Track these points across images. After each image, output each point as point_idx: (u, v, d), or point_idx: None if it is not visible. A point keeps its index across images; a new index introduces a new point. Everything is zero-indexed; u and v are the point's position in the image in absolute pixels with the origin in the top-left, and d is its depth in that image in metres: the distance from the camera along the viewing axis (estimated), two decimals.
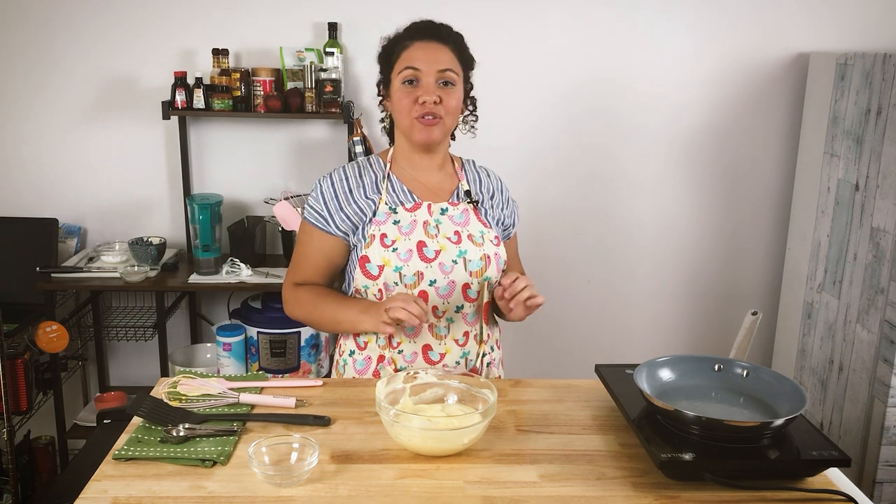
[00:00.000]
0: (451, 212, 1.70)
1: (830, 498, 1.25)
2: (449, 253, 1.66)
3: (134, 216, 3.04)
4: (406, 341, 1.68)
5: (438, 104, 1.62)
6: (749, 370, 1.48)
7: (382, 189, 1.69)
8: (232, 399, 1.53)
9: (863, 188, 2.54)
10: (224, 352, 2.81)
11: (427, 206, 1.69)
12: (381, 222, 1.66)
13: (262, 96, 2.77)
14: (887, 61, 2.40)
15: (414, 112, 1.62)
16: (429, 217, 1.68)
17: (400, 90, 1.64)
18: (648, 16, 2.95)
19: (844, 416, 2.64)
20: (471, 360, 1.71)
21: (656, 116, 3.04)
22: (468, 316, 1.70)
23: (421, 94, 1.61)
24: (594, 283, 3.19)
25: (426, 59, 1.62)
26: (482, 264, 1.67)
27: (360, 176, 1.71)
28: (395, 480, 1.27)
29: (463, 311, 1.69)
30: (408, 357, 1.68)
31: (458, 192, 1.74)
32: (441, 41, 1.65)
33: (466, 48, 1.70)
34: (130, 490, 1.23)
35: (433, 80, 1.62)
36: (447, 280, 1.65)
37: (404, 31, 1.68)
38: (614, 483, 1.28)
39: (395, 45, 1.67)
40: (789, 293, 3.07)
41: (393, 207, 1.68)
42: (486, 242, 1.69)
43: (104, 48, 2.89)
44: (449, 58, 1.64)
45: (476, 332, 1.71)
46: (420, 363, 1.68)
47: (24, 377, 2.63)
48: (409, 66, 1.62)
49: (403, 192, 1.70)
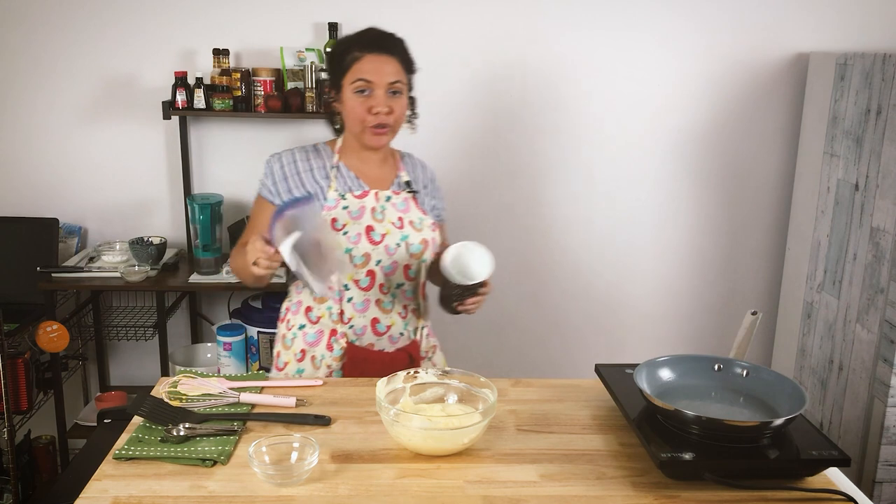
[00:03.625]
0: (394, 199, 1.86)
1: (830, 498, 1.25)
2: (393, 237, 1.82)
3: (134, 216, 3.04)
4: (356, 315, 1.82)
5: (389, 114, 1.78)
6: (749, 370, 1.49)
7: (332, 176, 1.85)
8: (232, 399, 1.53)
9: (863, 188, 2.54)
10: (224, 351, 2.81)
11: (374, 194, 1.84)
12: (331, 207, 1.80)
13: (263, 96, 2.78)
14: (887, 61, 2.40)
15: (368, 121, 1.78)
16: (375, 203, 1.84)
17: (353, 98, 1.78)
18: (648, 16, 2.95)
19: (844, 415, 2.64)
20: (410, 331, 1.89)
21: (656, 116, 3.04)
22: (407, 292, 1.88)
23: (374, 105, 1.77)
24: (594, 283, 3.19)
25: (377, 72, 1.77)
26: (421, 248, 1.84)
27: (309, 160, 1.87)
28: (395, 480, 1.27)
29: (403, 289, 1.86)
30: (358, 330, 1.82)
31: (399, 181, 1.91)
32: (389, 53, 1.79)
33: (410, 55, 1.85)
34: (131, 490, 1.23)
35: (384, 91, 1.77)
36: (391, 260, 1.82)
37: (356, 41, 1.81)
38: (614, 483, 1.28)
39: (346, 54, 1.79)
40: (789, 293, 3.07)
41: (342, 194, 1.82)
42: (425, 228, 1.86)
43: (105, 48, 2.89)
44: (396, 69, 1.79)
45: (415, 306, 1.89)
46: (369, 335, 1.83)
47: (24, 377, 2.63)
48: (361, 77, 1.76)
49: (352, 180, 1.86)
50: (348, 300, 1.81)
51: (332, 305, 1.83)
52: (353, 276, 1.80)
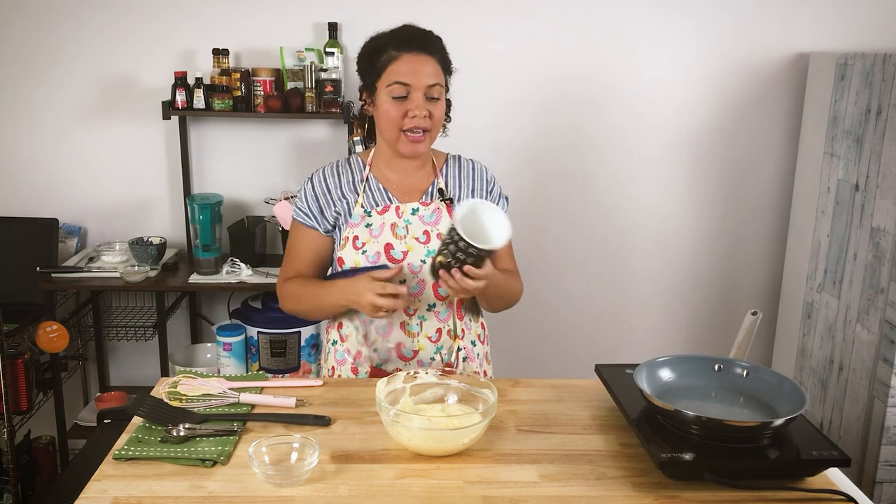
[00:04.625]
0: (421, 211, 1.72)
1: (830, 498, 1.25)
2: (417, 253, 1.69)
3: (134, 216, 3.04)
4: (379, 339, 1.72)
5: (428, 118, 1.64)
6: (749, 370, 1.48)
7: (360, 190, 1.73)
8: (232, 399, 1.53)
9: (863, 188, 2.54)
10: (224, 352, 2.81)
11: (395, 209, 1.71)
12: (354, 224, 1.71)
13: (263, 96, 2.77)
14: (887, 61, 2.40)
15: (404, 125, 1.64)
16: (397, 219, 1.71)
17: (388, 102, 1.64)
18: (648, 15, 2.95)
19: (844, 416, 2.64)
20: (445, 355, 1.74)
21: (656, 116, 3.04)
22: (440, 313, 1.73)
23: (411, 109, 1.63)
24: (594, 283, 3.19)
25: (415, 74, 1.62)
26: None
27: (339, 175, 1.75)
28: (395, 480, 1.27)
29: (435, 310, 1.73)
30: (382, 355, 1.73)
31: (433, 189, 1.76)
32: (427, 52, 1.65)
33: (447, 55, 1.71)
34: (131, 490, 1.23)
35: (422, 94, 1.63)
36: (416, 279, 1.69)
37: (391, 39, 1.67)
38: (614, 483, 1.28)
39: (380, 53, 1.66)
40: (789, 293, 3.07)
41: (367, 211, 1.71)
42: None
43: (104, 48, 2.89)
44: (435, 70, 1.65)
45: (450, 327, 1.74)
46: (394, 360, 1.72)
47: (24, 377, 2.63)
48: (398, 81, 1.63)
49: (380, 192, 1.74)
50: (371, 322, 1.71)
51: (358, 325, 1.73)
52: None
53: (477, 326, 1.83)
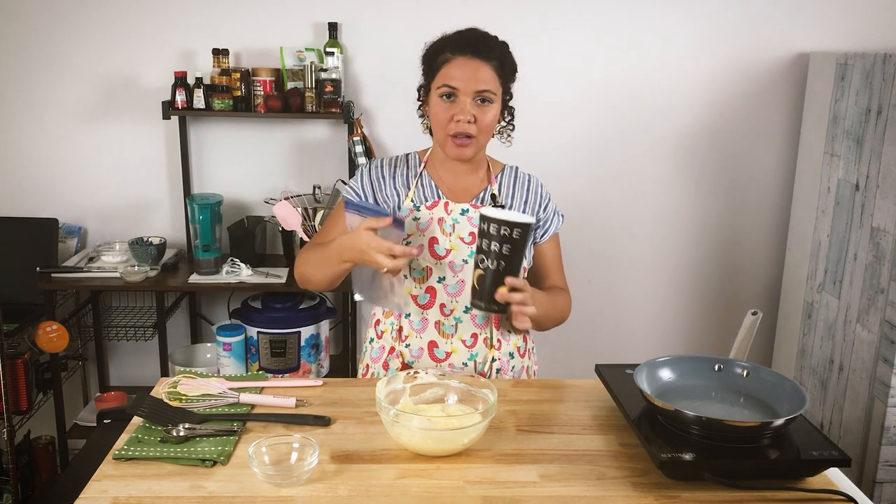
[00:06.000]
0: (471, 213, 1.70)
1: (830, 498, 1.25)
2: (460, 252, 1.68)
3: (134, 216, 3.04)
4: (413, 335, 1.71)
5: (472, 123, 1.62)
6: (749, 370, 1.49)
7: (412, 185, 1.73)
8: (232, 399, 1.53)
9: (863, 188, 2.54)
10: (224, 352, 2.81)
11: (444, 205, 1.70)
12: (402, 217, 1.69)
13: (263, 96, 2.77)
14: (887, 61, 2.40)
15: (449, 129, 1.63)
16: (445, 215, 1.70)
17: (437, 103, 1.64)
18: (648, 16, 2.95)
19: (844, 416, 2.64)
20: (479, 364, 1.72)
21: (656, 116, 3.04)
22: (477, 318, 1.71)
23: (456, 113, 1.61)
24: (594, 283, 3.19)
25: (465, 78, 1.61)
26: None
27: (395, 167, 1.76)
28: (395, 480, 1.27)
29: (472, 313, 1.70)
30: (414, 352, 1.71)
31: (485, 195, 1.75)
32: (483, 58, 1.62)
33: (510, 61, 1.68)
34: (130, 490, 1.23)
35: (470, 99, 1.61)
36: (456, 279, 1.68)
37: (449, 42, 1.66)
38: (614, 483, 1.28)
39: (438, 55, 1.66)
40: (789, 293, 3.07)
41: (417, 205, 1.71)
42: None
43: (104, 48, 2.89)
44: (489, 76, 1.62)
45: (486, 335, 1.72)
46: (426, 359, 1.70)
47: (24, 377, 2.63)
48: (446, 83, 1.62)
49: (431, 189, 1.74)
50: (406, 316, 1.70)
51: (394, 321, 1.72)
52: (411, 291, 1.68)
53: (517, 339, 1.80)
